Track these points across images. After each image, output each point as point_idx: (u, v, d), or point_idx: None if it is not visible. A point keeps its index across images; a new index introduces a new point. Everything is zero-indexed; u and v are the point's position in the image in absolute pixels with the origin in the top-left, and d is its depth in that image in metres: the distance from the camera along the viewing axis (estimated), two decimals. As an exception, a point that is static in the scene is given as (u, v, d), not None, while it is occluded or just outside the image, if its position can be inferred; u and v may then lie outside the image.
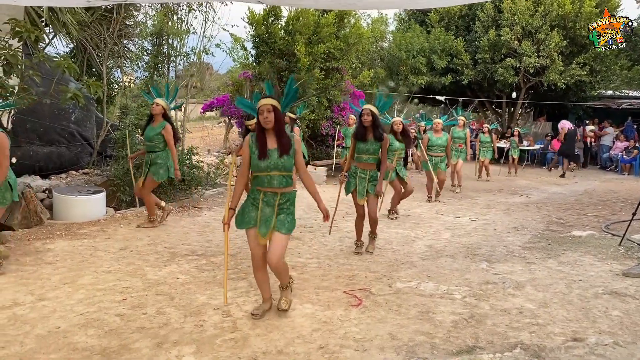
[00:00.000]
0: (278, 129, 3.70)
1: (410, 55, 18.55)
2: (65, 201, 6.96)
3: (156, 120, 6.64)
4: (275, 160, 3.68)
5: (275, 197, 3.77)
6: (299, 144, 3.83)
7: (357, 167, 5.77)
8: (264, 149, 3.69)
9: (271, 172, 3.70)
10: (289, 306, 4.02)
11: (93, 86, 6.33)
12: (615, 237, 6.62)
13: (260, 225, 3.77)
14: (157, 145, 6.59)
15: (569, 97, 18.62)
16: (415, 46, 18.49)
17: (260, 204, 3.78)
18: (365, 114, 5.58)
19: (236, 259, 5.49)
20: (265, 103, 3.66)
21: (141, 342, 3.49)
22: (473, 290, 4.62)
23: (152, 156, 6.62)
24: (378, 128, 5.60)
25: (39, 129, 8.42)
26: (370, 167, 5.71)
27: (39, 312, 3.92)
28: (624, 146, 16.49)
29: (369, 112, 5.58)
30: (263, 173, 3.71)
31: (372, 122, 5.57)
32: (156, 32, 9.91)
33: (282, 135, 3.71)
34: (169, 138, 6.60)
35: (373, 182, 5.70)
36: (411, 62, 18.59)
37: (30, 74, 5.82)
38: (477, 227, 7.46)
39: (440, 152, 9.63)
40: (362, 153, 5.70)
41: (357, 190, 5.74)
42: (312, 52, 11.81)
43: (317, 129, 12.59)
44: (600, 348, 3.42)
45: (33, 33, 5.43)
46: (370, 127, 5.58)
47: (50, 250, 5.59)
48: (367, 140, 5.61)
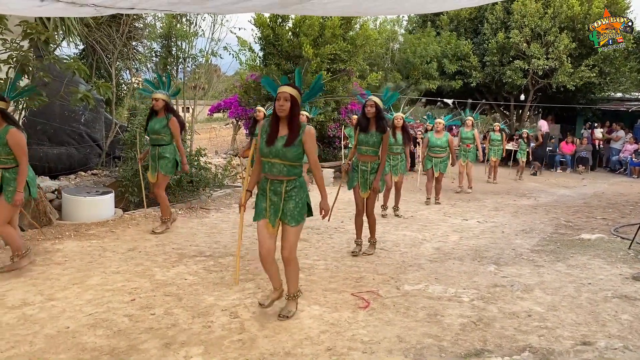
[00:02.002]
0: (291, 118, 3.67)
1: (424, 61, 18.50)
2: (74, 202, 6.99)
3: (160, 114, 6.48)
4: (278, 148, 3.66)
5: (281, 185, 3.75)
6: (310, 136, 3.73)
7: (358, 159, 5.74)
8: (273, 135, 3.69)
9: (272, 159, 3.69)
10: (291, 315, 3.93)
11: (103, 88, 6.36)
12: (625, 241, 6.58)
13: (270, 214, 3.77)
14: (163, 138, 6.43)
15: (577, 100, 18.54)
16: (430, 52, 18.43)
17: (268, 193, 3.78)
18: (369, 105, 5.53)
19: (244, 260, 5.49)
20: (285, 90, 3.65)
21: (149, 342, 3.50)
22: (481, 293, 4.60)
23: (159, 150, 6.45)
24: (381, 120, 5.55)
25: (49, 130, 8.48)
26: (370, 159, 5.65)
27: (48, 312, 3.95)
28: (633, 149, 16.38)
29: (373, 103, 5.53)
30: (266, 159, 3.73)
31: (376, 114, 5.53)
32: (165, 34, 9.95)
33: (293, 126, 3.68)
34: (175, 131, 6.44)
35: (374, 175, 5.66)
36: (424, 68, 18.54)
37: (41, 75, 5.86)
38: (485, 230, 7.43)
39: (440, 153, 9.50)
40: (362, 144, 5.65)
41: (360, 183, 5.72)
42: (318, 54, 11.82)
43: (324, 131, 12.61)
44: (610, 352, 3.40)
45: (43, 34, 5.47)
46: (373, 118, 5.55)
47: (60, 250, 5.62)
48: (368, 132, 5.58)
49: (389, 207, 8.32)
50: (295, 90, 3.68)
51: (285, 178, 3.74)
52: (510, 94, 18.83)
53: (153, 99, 6.46)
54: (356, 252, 5.84)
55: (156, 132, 6.43)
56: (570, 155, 17.41)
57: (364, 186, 5.70)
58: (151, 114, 6.57)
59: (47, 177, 7.98)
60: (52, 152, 8.48)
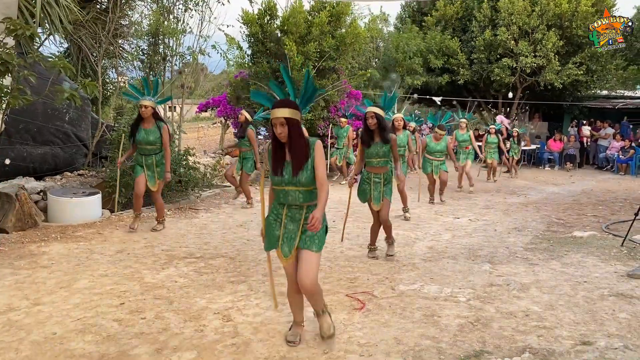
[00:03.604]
0: (292, 142, 3.21)
1: (407, 57, 18.49)
2: (60, 203, 6.84)
3: (148, 121, 6.35)
4: (289, 176, 3.25)
5: (300, 211, 3.35)
6: (320, 153, 3.29)
7: (369, 172, 5.60)
8: (277, 163, 3.28)
9: (286, 186, 3.29)
10: (334, 330, 3.48)
11: (89, 86, 6.21)
12: (617, 238, 6.57)
13: (282, 243, 3.36)
14: (158, 148, 6.43)
15: (564, 97, 18.64)
16: (412, 47, 18.42)
17: (284, 219, 3.37)
18: (370, 117, 5.37)
19: (235, 261, 5.40)
20: (278, 116, 3.15)
21: (140, 348, 3.39)
22: (477, 293, 4.55)
23: (155, 159, 6.41)
24: (384, 130, 5.41)
25: (32, 129, 8.30)
26: (383, 170, 5.55)
27: (35, 318, 3.82)
28: (620, 146, 16.50)
29: (373, 115, 5.37)
30: (278, 187, 3.32)
31: (378, 125, 5.39)
32: (152, 32, 9.80)
33: (297, 150, 3.22)
34: (166, 139, 6.44)
35: (388, 186, 5.57)
36: (407, 64, 18.52)
37: (25, 73, 5.71)
38: (477, 228, 7.39)
39: (439, 157, 9.43)
40: (372, 157, 5.51)
41: (373, 196, 5.56)
42: (303, 51, 11.69)
43: (313, 130, 12.50)
44: (610, 352, 3.35)
45: (28, 30, 5.32)
46: (376, 130, 5.41)
47: (46, 253, 5.48)
48: (373, 143, 5.44)
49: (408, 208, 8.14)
50: (289, 109, 3.17)
51: (304, 204, 3.35)
52: (498, 91, 18.87)
53: (141, 106, 6.31)
54: (374, 255, 5.70)
55: (151, 142, 6.37)
56: (558, 152, 17.51)
57: (377, 199, 5.55)
58: (138, 121, 6.42)
59: (32, 177, 7.81)
60: (36, 152, 8.30)
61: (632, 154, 15.91)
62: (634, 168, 15.80)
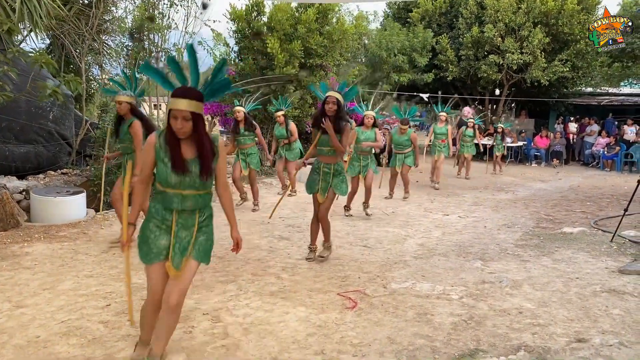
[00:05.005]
0: (200, 140, 2.83)
1: (391, 54, 18.46)
2: (43, 202, 6.68)
3: (126, 118, 5.64)
4: (192, 178, 2.84)
5: (193, 216, 2.93)
6: (225, 152, 3.00)
7: (320, 160, 5.29)
8: (178, 162, 2.80)
9: (184, 190, 2.85)
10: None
11: (73, 82, 6.06)
12: (607, 234, 6.58)
13: (174, 254, 2.88)
14: (130, 146, 5.65)
15: (550, 94, 18.74)
16: (395, 44, 18.37)
17: (174, 227, 2.90)
18: (331, 102, 4.98)
19: (223, 261, 5.29)
20: (181, 109, 2.76)
21: (127, 351, 3.29)
22: (470, 290, 4.50)
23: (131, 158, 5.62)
24: (341, 119, 5.02)
25: (15, 127, 8.12)
26: (333, 160, 5.20)
27: (17, 321, 3.69)
28: (605, 142, 16.63)
29: (335, 100, 4.99)
30: (172, 190, 2.85)
31: (336, 112, 5.00)
32: (137, 27, 9.63)
33: (206, 149, 2.84)
34: (135, 136, 5.53)
35: (338, 177, 5.24)
36: (392, 61, 18.49)
37: (5, 69, 5.56)
38: (467, 225, 7.37)
39: (404, 149, 9.15)
40: (323, 145, 5.16)
41: (320, 187, 5.25)
42: (287, 49, 11.56)
43: (301, 127, 12.41)
44: (605, 349, 3.32)
45: (6, 24, 5.17)
46: (333, 117, 5.00)
47: (28, 254, 5.34)
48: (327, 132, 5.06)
49: (352, 207, 7.88)
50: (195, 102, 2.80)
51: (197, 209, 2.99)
52: (485, 88, 18.92)
53: (116, 102, 5.68)
54: (311, 258, 5.41)
55: (122, 140, 5.70)
56: (544, 149, 17.60)
57: (325, 190, 5.25)
58: (120, 119, 5.76)
59: (15, 177, 7.63)
60: (18, 151, 8.12)
61: (618, 151, 16.05)
62: (619, 164, 15.94)
